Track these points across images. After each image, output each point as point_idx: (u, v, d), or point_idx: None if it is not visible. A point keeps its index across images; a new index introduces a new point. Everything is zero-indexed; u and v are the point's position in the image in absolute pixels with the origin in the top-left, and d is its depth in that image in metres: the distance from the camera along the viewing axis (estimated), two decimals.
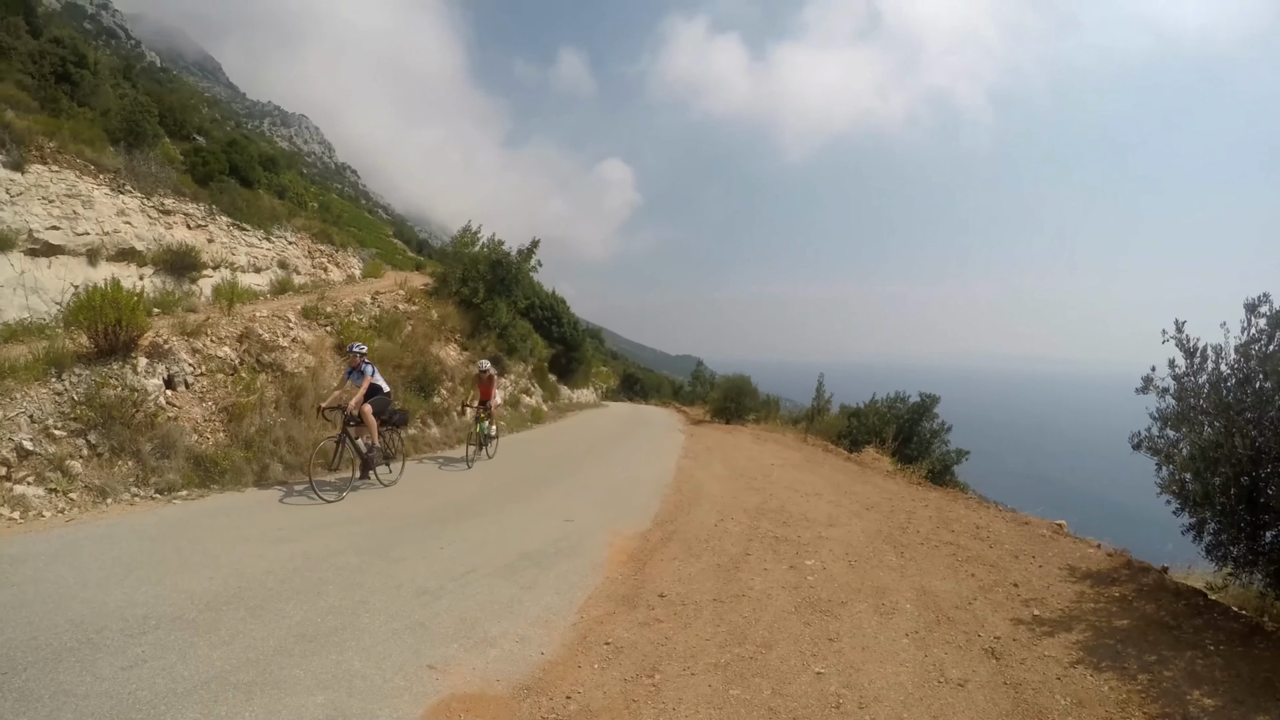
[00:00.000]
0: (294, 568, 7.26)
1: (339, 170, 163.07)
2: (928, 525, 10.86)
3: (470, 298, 24.00)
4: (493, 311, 24.39)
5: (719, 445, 21.06)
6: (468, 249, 25.82)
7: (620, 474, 14.90)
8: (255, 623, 5.80)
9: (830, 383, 29.61)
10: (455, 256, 26.14)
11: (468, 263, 24.97)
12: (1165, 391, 7.42)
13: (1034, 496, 15.96)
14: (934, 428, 23.92)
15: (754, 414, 30.67)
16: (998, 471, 55.55)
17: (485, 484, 12.74)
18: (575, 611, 6.77)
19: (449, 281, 24.55)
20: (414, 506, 10.55)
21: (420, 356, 18.40)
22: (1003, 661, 5.99)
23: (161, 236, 20.40)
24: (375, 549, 8.14)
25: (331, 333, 16.33)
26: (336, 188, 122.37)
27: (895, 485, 14.86)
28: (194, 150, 32.01)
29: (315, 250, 30.41)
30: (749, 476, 14.99)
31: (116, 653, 5.09)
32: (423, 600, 6.64)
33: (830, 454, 20.35)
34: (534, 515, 10.53)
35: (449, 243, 32.44)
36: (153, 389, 11.05)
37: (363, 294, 20.77)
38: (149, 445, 10.29)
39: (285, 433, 12.26)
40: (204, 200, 24.21)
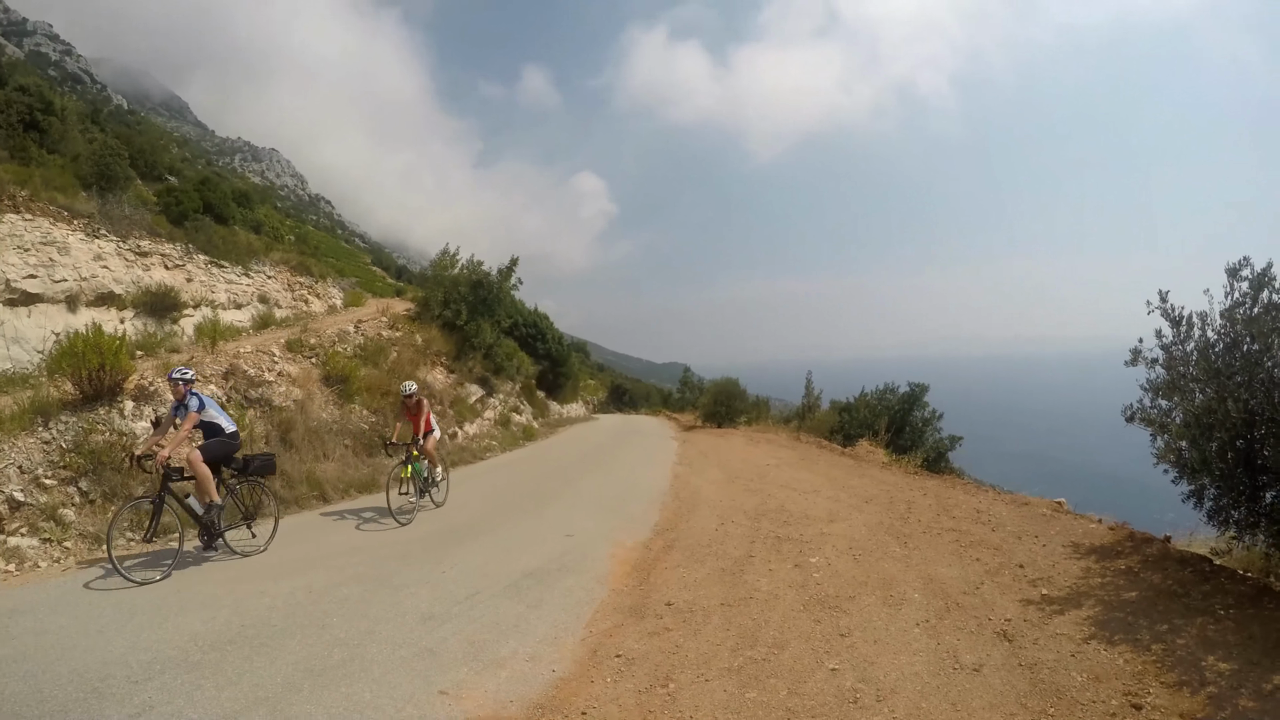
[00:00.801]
0: (296, 602, 7.18)
1: (313, 201, 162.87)
2: (928, 513, 10.88)
3: (453, 320, 23.93)
4: (476, 332, 24.30)
5: (713, 450, 21.06)
6: (447, 272, 25.74)
7: (617, 485, 14.87)
8: (261, 660, 5.73)
9: (819, 379, 29.70)
10: (435, 280, 26.05)
11: (448, 285, 24.90)
12: (1154, 362, 7.47)
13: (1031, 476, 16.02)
14: (925, 416, 24.01)
15: (745, 416, 30.75)
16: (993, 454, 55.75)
17: (480, 504, 12.67)
18: (583, 626, 6.73)
19: (431, 305, 24.47)
20: (414, 532, 10.49)
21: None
22: (1016, 643, 5.99)
23: (140, 278, 20.23)
24: (377, 578, 8.06)
25: (317, 364, 16.24)
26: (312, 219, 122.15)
27: (892, 476, 14.88)
28: (167, 190, 31.92)
29: (295, 283, 30.25)
30: (745, 478, 14.97)
31: (123, 700, 5.02)
32: (429, 626, 6.58)
33: (824, 450, 20.38)
34: (534, 532, 10.47)
35: (428, 267, 32.39)
36: (141, 431, 10.95)
37: (346, 323, 20.67)
38: (140, 489, 10.20)
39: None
40: (180, 240, 24.05)
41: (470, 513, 11.90)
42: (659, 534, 10.34)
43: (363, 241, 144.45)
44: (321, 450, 13.69)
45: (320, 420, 14.37)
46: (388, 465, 12.88)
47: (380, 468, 14.52)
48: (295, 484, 12.15)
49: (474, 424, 21.66)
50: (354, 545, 9.57)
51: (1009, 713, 5.00)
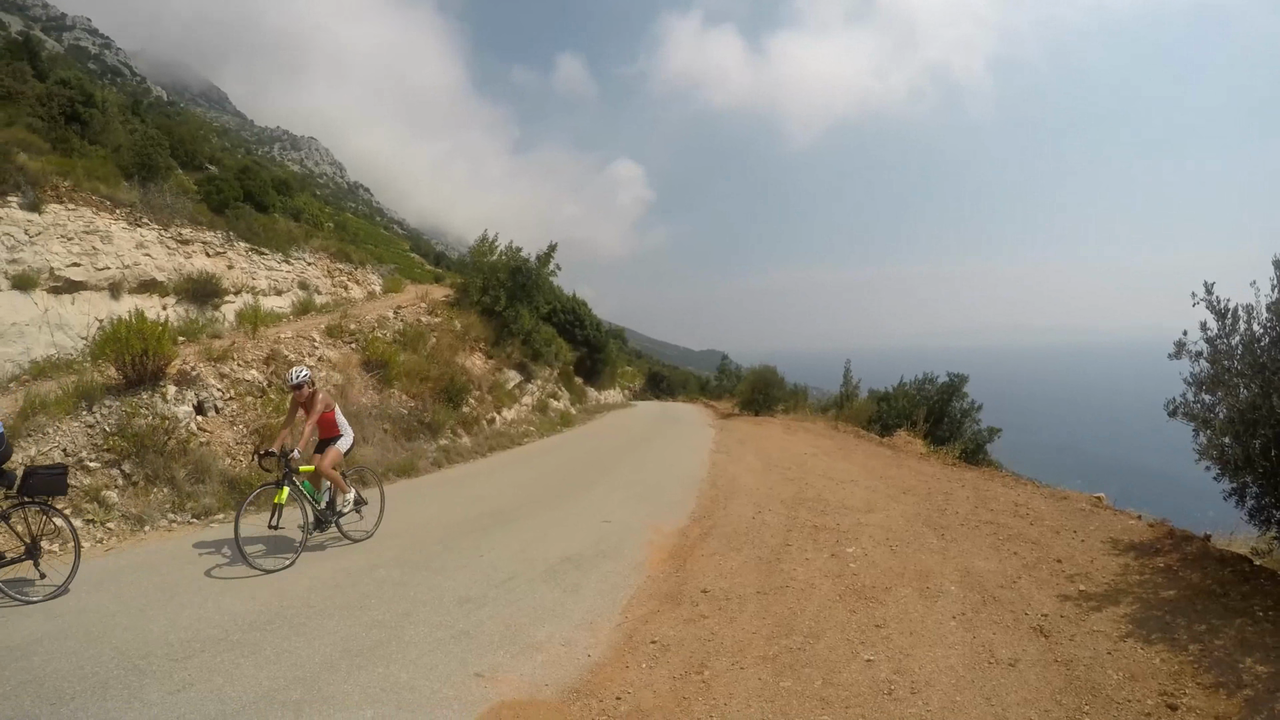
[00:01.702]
0: (335, 583, 7.29)
1: (351, 189, 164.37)
2: (966, 506, 10.77)
3: (492, 306, 24.05)
4: (515, 318, 24.39)
5: (750, 437, 20.98)
6: (486, 258, 25.83)
7: (654, 472, 14.87)
8: (300, 640, 5.81)
9: (857, 368, 29.42)
10: (474, 266, 26.16)
11: (487, 272, 25.00)
12: (1199, 355, 7.27)
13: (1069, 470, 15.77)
14: (964, 407, 23.69)
15: (783, 404, 30.51)
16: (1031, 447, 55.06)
17: (512, 490, 12.75)
18: (619, 612, 6.75)
19: (470, 291, 24.60)
20: (453, 516, 10.56)
21: (446, 368, 18.48)
22: (1052, 639, 5.92)
23: (181, 266, 20.54)
24: (416, 561, 8.15)
25: (357, 349, 16.43)
26: (350, 207, 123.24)
27: (930, 467, 14.74)
28: (207, 179, 32.32)
29: (334, 269, 30.52)
30: (783, 467, 14.91)
31: (163, 678, 5.12)
32: (466, 609, 6.64)
33: (862, 440, 20.23)
34: (572, 518, 10.52)
35: (467, 253, 32.52)
36: (183, 416, 11.15)
37: (385, 309, 20.84)
38: (183, 471, 10.39)
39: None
40: (221, 228, 24.33)
41: (508, 498, 11.97)
42: (696, 521, 10.34)
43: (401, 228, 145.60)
44: (361, 434, 13.75)
45: (360, 405, 14.53)
46: (426, 450, 12.93)
47: (420, 452, 14.67)
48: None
49: (512, 410, 21.77)
50: (393, 529, 9.66)
51: (1044, 709, 4.94)
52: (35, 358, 14.27)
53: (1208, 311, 7.13)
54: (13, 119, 24.32)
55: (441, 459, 15.23)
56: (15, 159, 17.38)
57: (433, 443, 15.89)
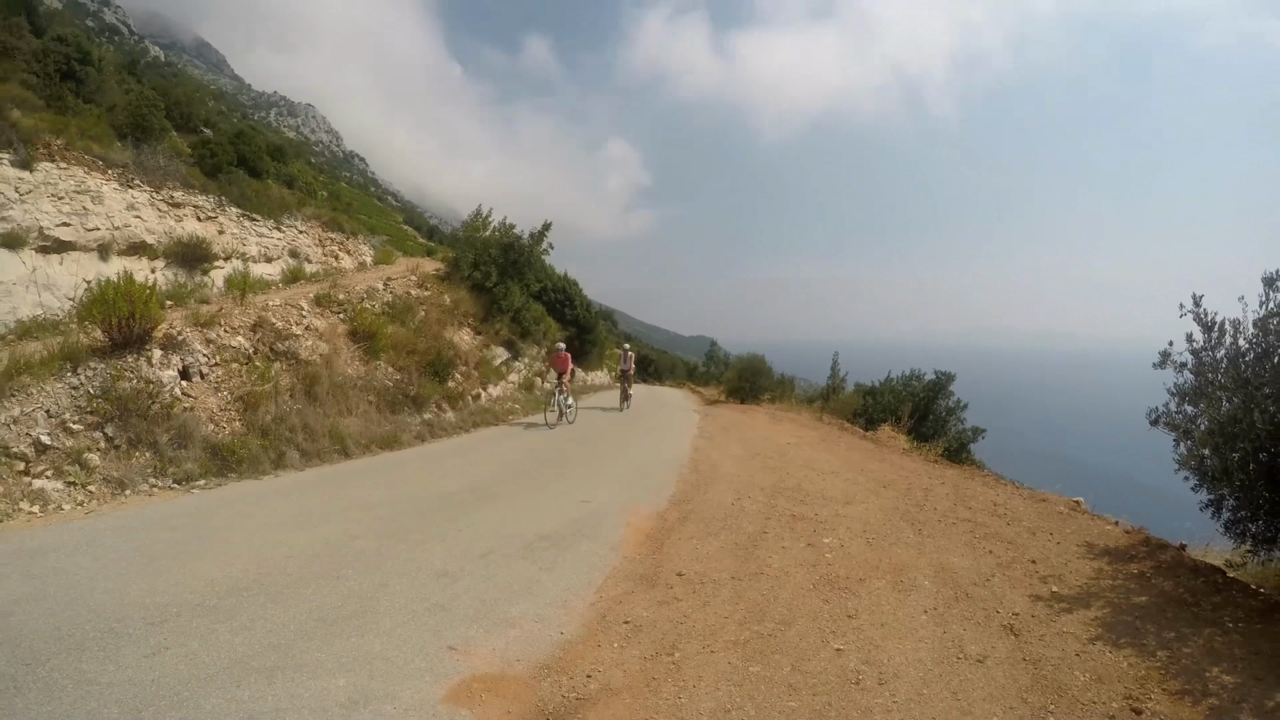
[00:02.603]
0: (313, 553, 7.32)
1: (347, 158, 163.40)
2: (945, 502, 10.85)
3: (482, 282, 24.04)
4: (505, 295, 24.40)
5: (734, 425, 21.04)
6: (479, 233, 25.82)
7: (636, 455, 14.93)
8: (276, 608, 5.85)
9: (846, 362, 29.52)
10: (467, 241, 26.14)
11: (479, 247, 24.98)
12: (1183, 366, 7.31)
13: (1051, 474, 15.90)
14: (950, 405, 23.81)
15: (769, 394, 30.57)
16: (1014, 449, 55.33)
17: (500, 468, 12.79)
18: (594, 591, 6.80)
19: (461, 266, 24.57)
20: (433, 490, 10.62)
21: (434, 341, 18.50)
22: (1022, 638, 5.98)
23: (172, 229, 20.41)
24: (394, 533, 8.20)
25: (344, 319, 16.42)
26: (345, 176, 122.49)
27: (911, 463, 14.84)
28: (202, 143, 32.14)
29: (326, 238, 30.40)
30: (765, 455, 14.99)
31: (139, 641, 5.15)
32: (442, 583, 6.68)
33: (846, 432, 20.33)
34: (551, 497, 10.56)
35: (460, 228, 32.43)
36: (168, 380, 11.15)
37: (375, 280, 20.81)
38: (166, 436, 10.40)
39: (301, 420, 12.40)
40: (213, 192, 24.23)
41: (489, 475, 12.03)
42: (675, 505, 10.39)
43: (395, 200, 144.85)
44: (345, 405, 13.88)
45: (345, 376, 14.56)
46: (410, 423, 13.02)
47: (403, 425, 14.73)
48: (318, 437, 12.35)
49: (498, 386, 21.82)
50: (373, 500, 9.71)
51: (1009, 706, 5.00)
52: (21, 317, 14.20)
53: (1194, 323, 7.15)
54: (7, 75, 24.14)
55: (425, 433, 15.30)
56: (8, 115, 17.26)
57: (417, 416, 15.95)
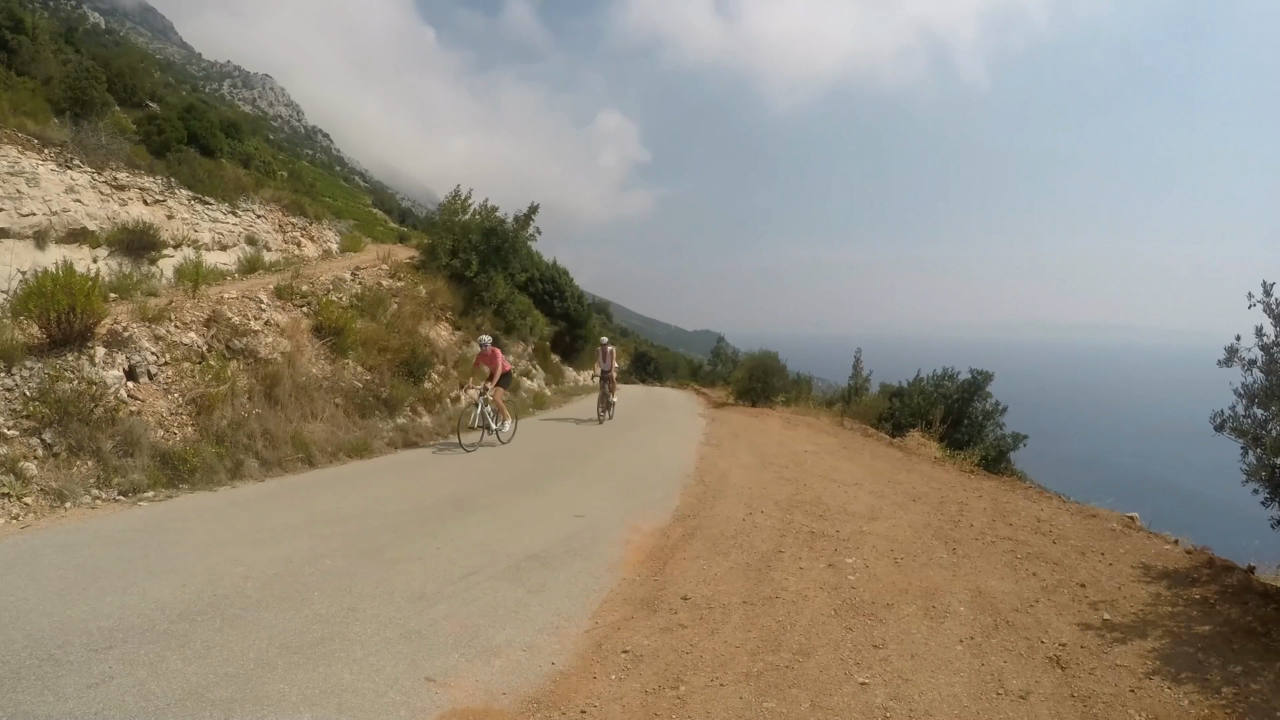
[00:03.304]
0: (275, 573, 7.31)
1: (309, 135, 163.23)
2: (982, 518, 10.86)
3: (462, 271, 24.03)
4: (487, 286, 24.38)
5: (745, 430, 21.08)
6: (457, 217, 25.75)
7: (635, 464, 14.96)
8: (233, 633, 5.85)
9: (869, 359, 29.51)
10: (444, 226, 26.08)
11: (458, 232, 24.94)
12: (1252, 364, 7.20)
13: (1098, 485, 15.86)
14: (987, 408, 23.72)
15: (783, 395, 30.52)
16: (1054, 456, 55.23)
17: (484, 477, 12.81)
18: (589, 617, 6.81)
19: (438, 254, 24.54)
20: (408, 502, 10.63)
21: (408, 338, 18.51)
22: (1069, 671, 5.97)
23: (116, 214, 20.42)
24: (365, 550, 8.20)
25: (308, 314, 16.41)
26: (307, 154, 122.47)
27: (944, 474, 14.86)
28: (148, 119, 32.04)
29: (287, 223, 30.41)
30: (780, 465, 15.01)
31: (81, 669, 5.14)
32: (419, 606, 6.68)
33: (870, 439, 20.36)
34: (540, 510, 10.58)
35: (436, 211, 32.35)
36: (112, 381, 11.12)
37: (342, 270, 20.81)
38: (110, 443, 10.38)
39: (261, 425, 12.39)
40: (161, 173, 24.19)
41: (471, 485, 12.05)
42: (679, 520, 10.40)
43: (363, 180, 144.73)
44: (310, 409, 13.87)
45: (310, 376, 14.55)
46: (382, 429, 13.04)
47: (374, 430, 14.74)
48: (279, 444, 12.35)
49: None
50: (342, 514, 9.72)
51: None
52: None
53: (1265, 315, 7.04)
54: None
55: (399, 439, 15.33)
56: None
57: (389, 421, 15.99)
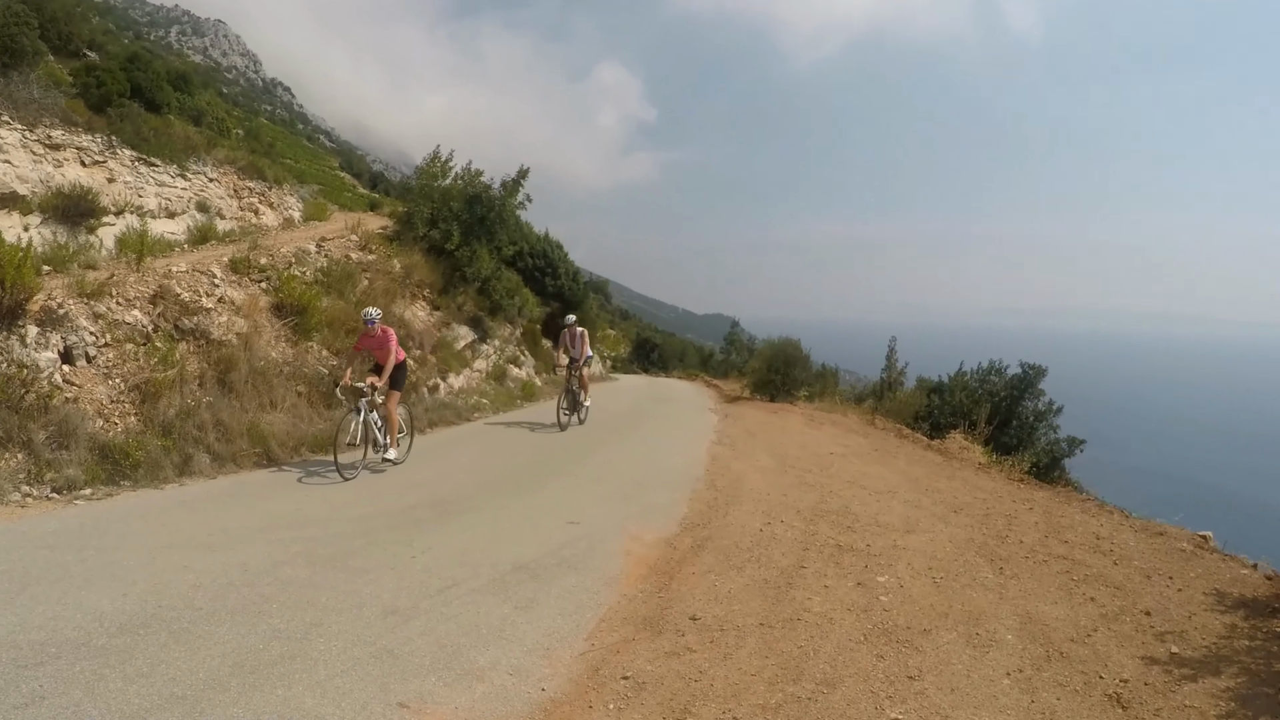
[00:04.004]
0: (228, 582, 7.34)
1: (268, 88, 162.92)
2: (1033, 534, 10.85)
3: (441, 243, 24.00)
4: (470, 260, 24.34)
5: (762, 428, 21.13)
6: (436, 182, 25.65)
7: (637, 464, 15.04)
8: (180, 649, 5.86)
9: (905, 348, 29.40)
10: (421, 192, 26.04)
11: (437, 199, 24.88)
12: None
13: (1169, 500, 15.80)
14: (1039, 408, 23.66)
15: (806, 389, 30.43)
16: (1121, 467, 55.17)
17: (467, 476, 12.85)
18: (584, 638, 6.82)
19: (414, 224, 24.49)
20: (380, 505, 10.67)
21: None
22: (1131, 711, 5.94)
23: (50, 176, 20.36)
24: (330, 557, 8.24)
25: (268, 290, 16.42)
26: (266, 110, 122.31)
27: (990, 482, 14.85)
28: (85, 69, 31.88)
29: (243, 188, 30.36)
30: (802, 468, 15.04)
31: (7, 688, 5.14)
32: (391, 622, 6.70)
33: (905, 441, 20.35)
34: (529, 515, 10.64)
35: (412, 175, 32.23)
36: (46, 364, 11.13)
37: (305, 241, 20.81)
38: (43, 433, 10.39)
39: (213, 415, 12.43)
40: (101, 130, 24.08)
41: (451, 486, 12.12)
42: (687, 530, 10.44)
43: (329, 140, 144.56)
44: (269, 397, 13.94)
45: (269, 360, 14.59)
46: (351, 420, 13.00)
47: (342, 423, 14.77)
48: (234, 437, 12.40)
49: (460, 375, 21.91)
50: (304, 516, 9.77)
51: None
52: None
53: None
54: None
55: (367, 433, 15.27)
56: None
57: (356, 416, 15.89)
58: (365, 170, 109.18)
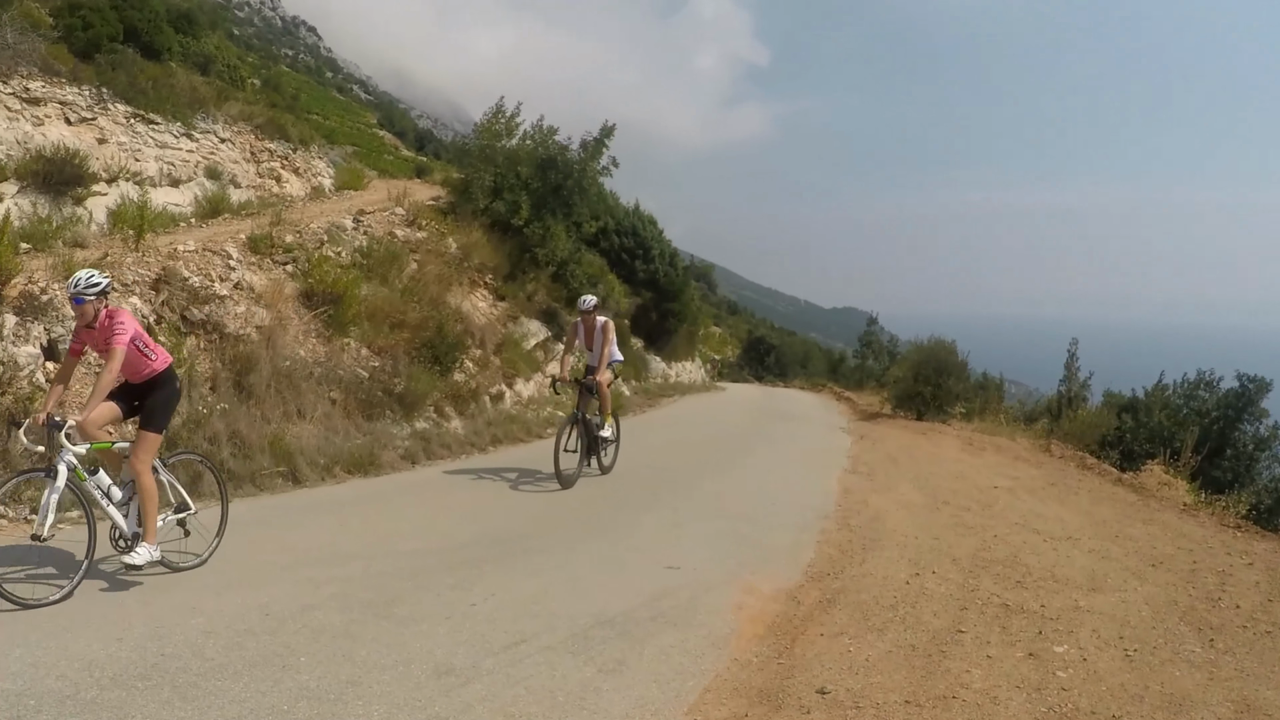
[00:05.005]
0: (246, 628, 7.43)
1: (289, 28, 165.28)
2: (1254, 596, 10.57)
3: (507, 218, 24.16)
4: (543, 239, 24.52)
5: (907, 454, 21.02)
6: (500, 142, 25.86)
7: (751, 496, 15.02)
8: (186, 708, 5.93)
9: (1090, 354, 28.84)
10: (481, 155, 26.20)
11: (502, 164, 25.05)
12: None
13: None
14: (1260, 434, 23.11)
15: (963, 404, 30.07)
16: None
17: (535, 507, 12.94)
18: (684, 711, 6.77)
19: (473, 194, 24.73)
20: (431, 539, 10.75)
21: (432, 310, 18.76)
22: None
23: (28, 137, 20.79)
24: (370, 602, 8.31)
25: (295, 273, 16.63)
26: (286, 55, 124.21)
27: (1198, 528, 14.53)
28: (69, 8, 32.56)
29: (261, 150, 30.79)
30: (959, 505, 14.92)
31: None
32: (446, 684, 6.73)
33: (1089, 473, 20.04)
34: (615, 557, 10.67)
35: (470, 134, 32.32)
36: (26, 360, 11.40)
37: (340, 215, 21.08)
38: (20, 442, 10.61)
39: (228, 425, 12.60)
40: (89, 81, 24.53)
41: (519, 517, 12.20)
42: (814, 580, 10.36)
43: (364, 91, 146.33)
44: (296, 405, 14.16)
45: (296, 360, 14.84)
46: (395, 435, 13.09)
47: (384, 437, 14.96)
48: (253, 452, 12.56)
49: (530, 381, 22.14)
50: (338, 551, 9.90)
51: None
52: None
53: None
54: None
55: (418, 450, 15.52)
56: None
57: (405, 425, 16.21)
58: (409, 127, 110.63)
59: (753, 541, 11.89)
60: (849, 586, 10.06)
